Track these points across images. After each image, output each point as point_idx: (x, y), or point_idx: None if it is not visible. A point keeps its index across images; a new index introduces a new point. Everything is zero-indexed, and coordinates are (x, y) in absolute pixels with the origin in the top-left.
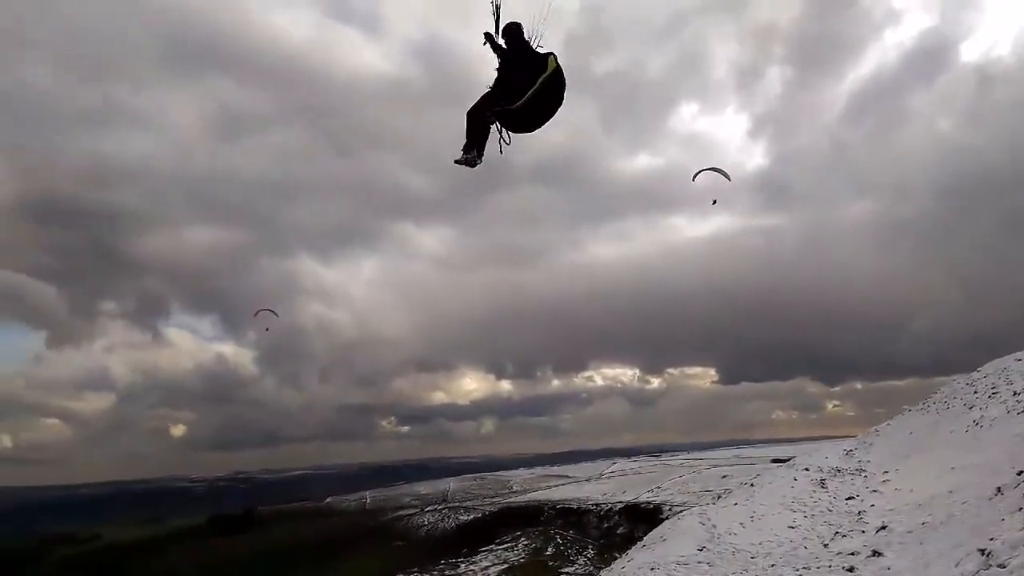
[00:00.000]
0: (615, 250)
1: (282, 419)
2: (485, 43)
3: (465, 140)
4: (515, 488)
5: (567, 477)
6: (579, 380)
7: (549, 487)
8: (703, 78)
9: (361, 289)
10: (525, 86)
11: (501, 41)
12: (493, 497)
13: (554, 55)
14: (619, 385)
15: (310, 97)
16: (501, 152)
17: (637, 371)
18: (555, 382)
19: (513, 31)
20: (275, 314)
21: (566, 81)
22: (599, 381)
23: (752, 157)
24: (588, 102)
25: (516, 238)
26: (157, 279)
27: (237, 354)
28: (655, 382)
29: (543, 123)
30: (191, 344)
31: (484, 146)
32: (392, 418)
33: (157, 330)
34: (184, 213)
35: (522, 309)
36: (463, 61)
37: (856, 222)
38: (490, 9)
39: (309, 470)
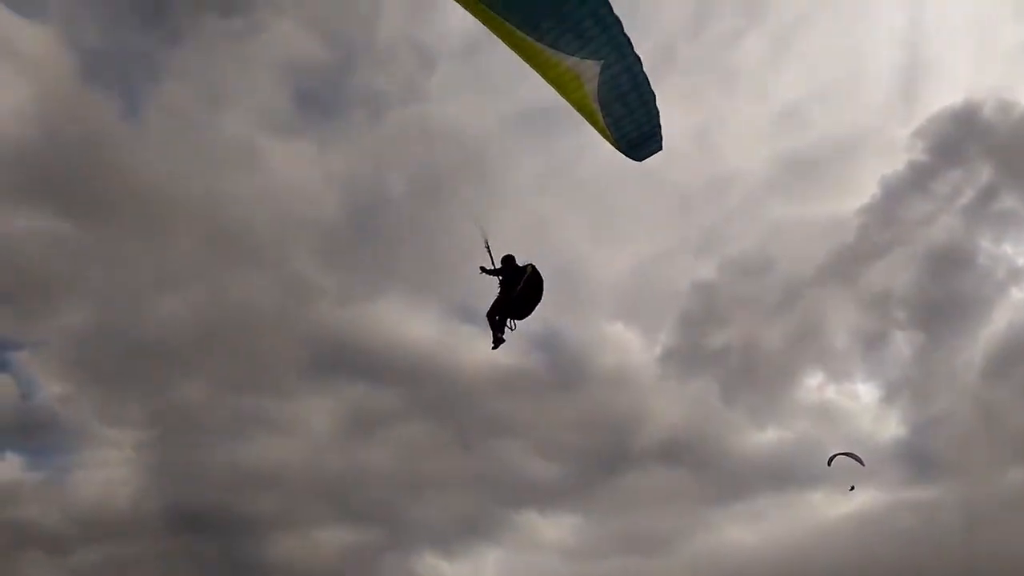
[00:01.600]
0: (749, 533)
1: None
2: (482, 272)
3: (492, 333)
4: None
5: None
6: None
7: None
8: (824, 347)
9: None
10: (512, 290)
11: (497, 267)
12: None
13: (532, 265)
14: None
15: (436, 393)
16: (501, 343)
17: None
18: None
19: (508, 259)
20: None
21: (543, 279)
22: None
23: (888, 426)
24: (706, 377)
25: (645, 523)
26: None
27: None
28: None
29: (532, 310)
30: None
31: (503, 331)
32: None
33: None
34: (314, 514)
35: None
36: (577, 348)
37: (1018, 489)
38: (485, 248)
39: None
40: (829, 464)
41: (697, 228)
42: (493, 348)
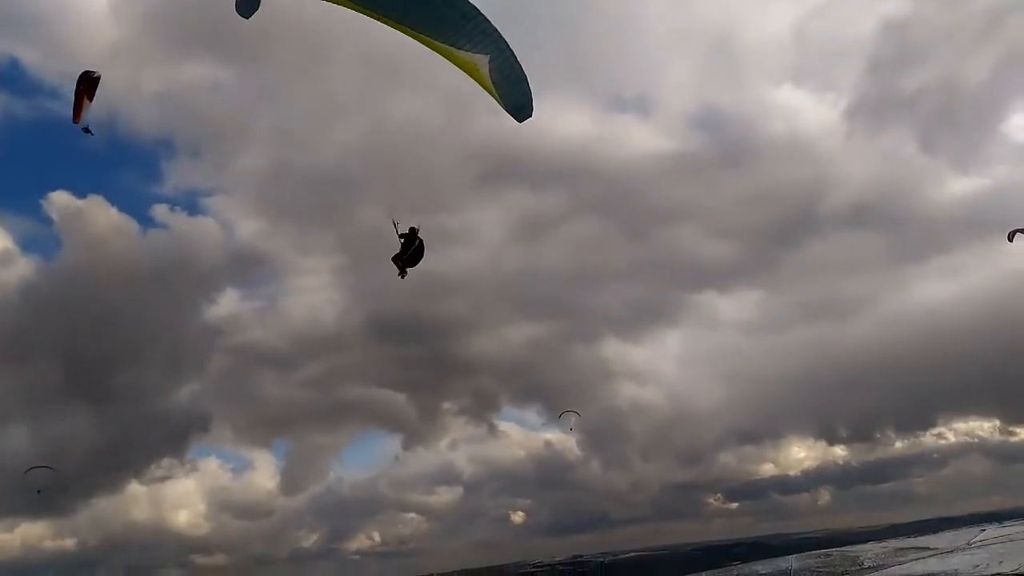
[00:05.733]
0: (946, 288)
1: (610, 501)
2: (400, 238)
3: (398, 270)
4: (867, 564)
5: (928, 549)
6: (927, 438)
7: (908, 561)
8: None
9: (670, 364)
10: (408, 248)
11: (406, 231)
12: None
13: (421, 240)
14: (976, 440)
15: (597, 188)
16: (402, 277)
17: (997, 422)
18: (898, 444)
19: (413, 229)
20: (578, 414)
21: (424, 250)
22: (951, 438)
23: None
24: (901, 126)
25: (830, 290)
26: (485, 377)
27: (562, 440)
28: (1022, 432)
29: (416, 264)
30: (520, 434)
31: (404, 267)
32: (719, 495)
33: (491, 423)
34: (501, 314)
35: (847, 366)
36: (741, 120)
37: None
38: (393, 225)
39: (643, 551)
40: (1010, 240)
41: None
42: (400, 277)
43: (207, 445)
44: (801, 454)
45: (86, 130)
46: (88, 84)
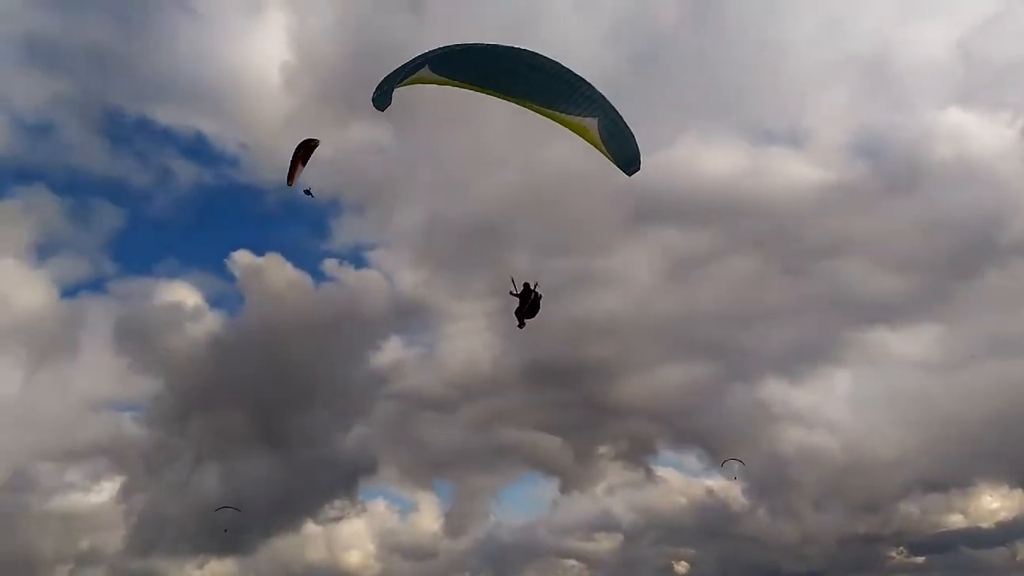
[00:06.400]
0: None
1: (781, 553)
2: (510, 294)
3: (517, 322)
4: None
5: None
6: None
7: None
8: None
9: (839, 407)
10: (525, 303)
11: (519, 290)
12: None
13: (537, 293)
14: None
15: (751, 224)
16: (521, 327)
17: None
18: None
19: (527, 285)
20: (742, 462)
21: (540, 304)
22: None
23: None
24: None
25: (1017, 323)
26: (640, 420)
27: (725, 487)
28: None
29: (534, 316)
30: (680, 480)
31: (522, 319)
32: (902, 548)
33: (648, 468)
34: (652, 355)
35: None
36: (905, 148)
37: None
38: (511, 283)
39: None
40: None
41: None
42: (519, 327)
43: (374, 486)
44: (995, 504)
45: (307, 192)
46: (306, 150)
